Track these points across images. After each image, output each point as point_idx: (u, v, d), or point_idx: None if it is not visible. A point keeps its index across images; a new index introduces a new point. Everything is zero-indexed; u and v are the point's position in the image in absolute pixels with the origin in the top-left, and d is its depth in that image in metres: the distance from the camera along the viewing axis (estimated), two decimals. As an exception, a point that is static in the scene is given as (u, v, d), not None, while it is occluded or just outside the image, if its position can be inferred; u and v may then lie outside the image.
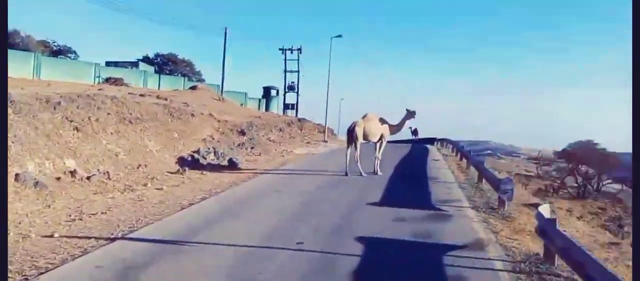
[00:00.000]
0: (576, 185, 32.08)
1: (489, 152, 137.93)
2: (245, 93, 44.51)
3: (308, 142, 28.81)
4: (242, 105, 39.59)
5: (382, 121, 14.92)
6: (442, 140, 37.89)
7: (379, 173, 14.79)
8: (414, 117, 14.99)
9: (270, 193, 11.00)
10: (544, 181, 40.66)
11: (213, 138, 18.79)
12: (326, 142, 30.84)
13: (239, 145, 20.09)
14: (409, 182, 13.74)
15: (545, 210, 6.87)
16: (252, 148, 20.49)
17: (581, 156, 32.32)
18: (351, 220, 8.57)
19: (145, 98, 20.95)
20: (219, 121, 21.00)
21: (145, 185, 11.88)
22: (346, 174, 14.16)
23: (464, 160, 19.47)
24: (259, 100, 46.73)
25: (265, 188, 11.75)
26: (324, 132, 33.76)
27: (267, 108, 46.59)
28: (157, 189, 11.44)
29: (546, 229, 6.27)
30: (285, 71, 46.73)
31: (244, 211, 9.04)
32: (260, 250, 6.57)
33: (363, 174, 14.26)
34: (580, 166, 32.55)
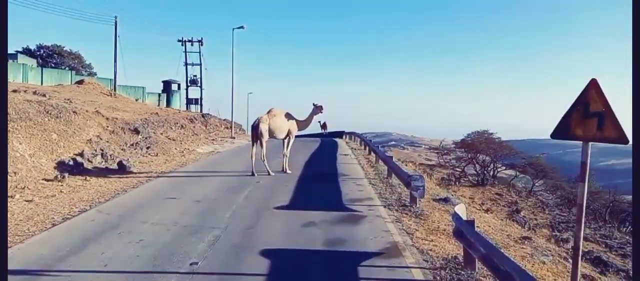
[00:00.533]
0: (475, 172, 33.79)
1: (393, 142, 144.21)
2: (143, 88, 41.47)
3: (213, 139, 27.34)
4: (137, 100, 36.74)
5: (289, 116, 14.16)
6: (350, 134, 38.17)
7: (287, 171, 14.04)
8: (322, 112, 14.39)
9: (163, 201, 9.75)
10: (446, 170, 42.77)
11: (101, 139, 16.78)
12: (233, 138, 29.55)
13: (132, 145, 18.23)
14: (319, 180, 13.12)
15: (461, 210, 6.47)
16: (148, 148, 18.73)
17: (478, 145, 34.10)
18: (256, 229, 7.66)
19: (17, 95, 18.27)
20: (108, 119, 18.90)
21: (12, 196, 10.05)
22: (253, 174, 13.24)
23: (373, 154, 19.36)
24: (159, 95, 43.80)
25: (158, 195, 10.43)
26: (230, 127, 32.39)
27: (168, 104, 43.85)
28: (26, 201, 9.72)
29: (464, 232, 5.84)
30: (186, 64, 44.14)
31: (128, 226, 7.75)
32: (144, 277, 5.45)
33: (271, 173, 13.44)
34: (478, 155, 34.34)
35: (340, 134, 41.07)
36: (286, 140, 14.27)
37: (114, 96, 28.56)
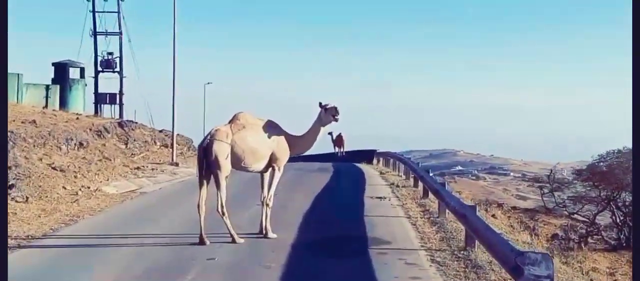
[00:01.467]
0: (615, 223, 32.05)
1: (459, 168, 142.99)
2: (18, 76, 39.87)
3: (138, 167, 25.86)
4: None
5: (273, 128, 12.54)
6: (385, 155, 36.66)
7: (270, 235, 12.42)
8: (335, 119, 12.72)
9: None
10: (558, 218, 41.19)
11: None
12: (176, 164, 28.11)
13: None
14: (331, 256, 11.46)
15: None
16: (10, 186, 17.18)
17: (620, 176, 32.20)
18: None
19: None
20: None
21: None
22: (201, 241, 11.64)
23: (430, 196, 17.78)
24: (47, 88, 42.25)
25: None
26: (171, 145, 30.85)
27: (63, 104, 42.36)
28: None
29: None
30: (95, 33, 42.84)
31: None
32: None
33: (237, 239, 11.83)
34: (619, 192, 32.57)
35: (368, 155, 39.56)
36: (268, 174, 12.63)
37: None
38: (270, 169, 12.60)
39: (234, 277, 9.72)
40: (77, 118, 28.84)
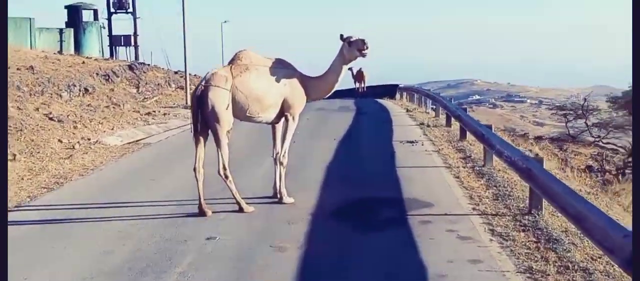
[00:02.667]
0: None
1: (477, 97, 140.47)
2: (30, 21, 37.24)
3: (149, 112, 23.29)
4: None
5: (284, 69, 9.81)
6: (408, 90, 33.91)
7: (285, 199, 9.80)
8: (363, 54, 9.92)
9: None
10: (586, 147, 38.47)
11: None
12: (189, 108, 25.45)
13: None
14: (364, 226, 8.88)
15: None
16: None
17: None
18: None
19: None
20: None
21: None
22: (201, 212, 9.07)
23: (466, 139, 15.15)
24: (60, 32, 39.48)
25: None
26: (184, 87, 28.30)
27: (77, 48, 39.70)
28: None
29: None
30: (106, -27, 40.04)
31: None
32: None
33: (244, 208, 9.28)
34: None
35: (390, 90, 36.80)
36: (282, 124, 9.96)
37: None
38: (282, 119, 9.93)
39: (236, 269, 7.09)
40: (84, 62, 26.09)
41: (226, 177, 9.25)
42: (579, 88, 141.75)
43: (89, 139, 17.18)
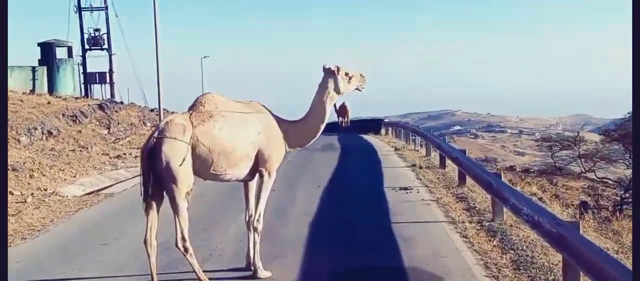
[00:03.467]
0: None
1: (458, 128, 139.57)
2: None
3: (119, 155, 21.22)
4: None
5: (257, 115, 7.86)
6: (395, 126, 32.12)
7: (260, 273, 7.81)
8: (361, 89, 8.12)
9: None
10: (575, 180, 37.11)
11: None
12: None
13: None
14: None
15: None
16: None
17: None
18: None
19: None
20: None
21: None
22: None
23: (465, 185, 13.15)
24: (33, 70, 37.31)
25: None
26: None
27: (51, 87, 37.53)
28: None
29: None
30: (80, 9, 37.91)
31: None
32: None
33: (207, 287, 7.26)
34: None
35: (375, 126, 34.95)
36: (256, 182, 7.93)
37: None
38: (258, 174, 7.84)
39: None
40: (49, 102, 23.99)
41: (186, 250, 7.17)
42: (558, 118, 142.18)
43: (45, 189, 15.10)
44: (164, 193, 7.22)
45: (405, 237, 9.47)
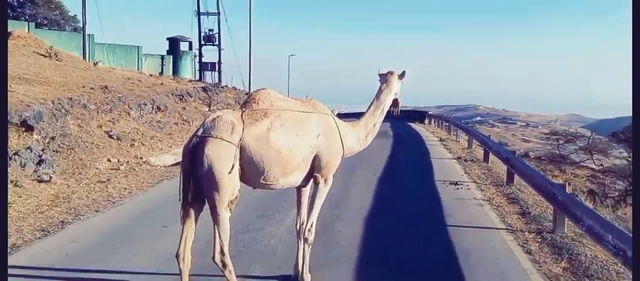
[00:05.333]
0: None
1: (479, 118, 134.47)
2: (138, 48, 33.43)
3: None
4: (113, 68, 28.55)
5: (317, 115, 5.11)
6: (438, 118, 28.87)
7: (307, 286, 5.17)
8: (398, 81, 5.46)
9: None
10: (580, 168, 33.93)
11: None
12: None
13: (16, 153, 9.92)
14: None
15: None
16: (39, 161, 10.36)
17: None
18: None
19: None
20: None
21: None
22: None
23: (513, 184, 10.10)
24: (162, 58, 35.71)
25: None
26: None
27: (175, 71, 35.89)
28: None
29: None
30: (199, 13, 35.95)
31: None
32: None
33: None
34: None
35: (420, 116, 31.78)
36: (310, 188, 5.23)
37: (56, 58, 20.39)
38: (314, 180, 5.05)
39: None
40: (162, 83, 21.71)
41: (224, 265, 4.55)
42: (556, 115, 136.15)
43: (140, 158, 12.83)
44: (203, 200, 4.63)
45: (465, 250, 6.48)
